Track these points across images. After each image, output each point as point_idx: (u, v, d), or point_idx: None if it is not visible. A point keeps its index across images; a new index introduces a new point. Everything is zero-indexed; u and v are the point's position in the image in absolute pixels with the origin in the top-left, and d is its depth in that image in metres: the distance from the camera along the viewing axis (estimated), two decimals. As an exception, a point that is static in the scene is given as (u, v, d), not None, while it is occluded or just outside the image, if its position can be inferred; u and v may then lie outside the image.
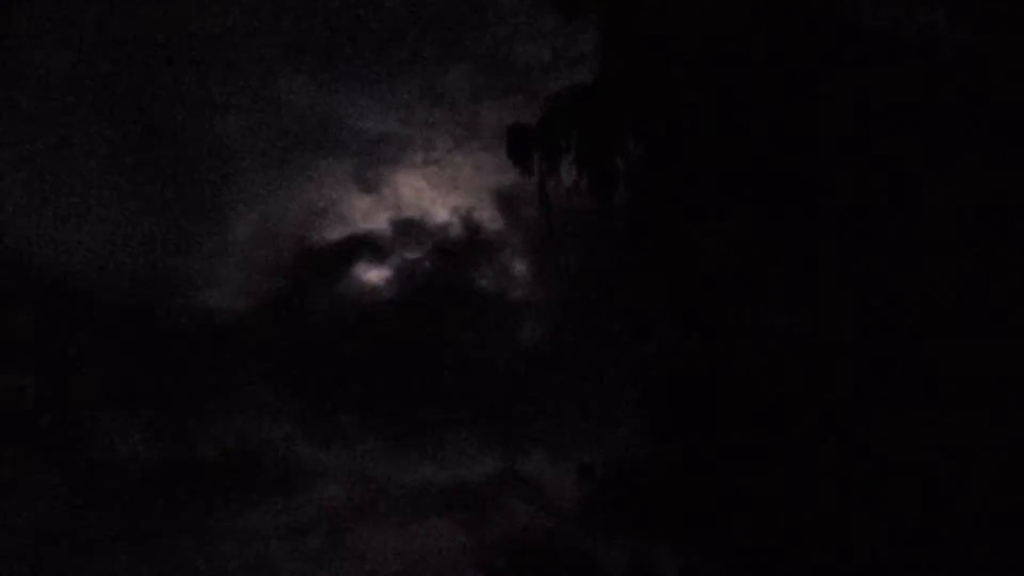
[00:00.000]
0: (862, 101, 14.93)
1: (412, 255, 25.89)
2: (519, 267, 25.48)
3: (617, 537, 16.55)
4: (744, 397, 15.08)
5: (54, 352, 24.28)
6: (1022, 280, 14.33)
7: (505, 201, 25.87)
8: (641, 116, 15.73)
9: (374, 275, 25.88)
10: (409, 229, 26.06)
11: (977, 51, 14.83)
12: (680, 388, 15.63)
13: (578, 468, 16.69)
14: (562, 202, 16.05)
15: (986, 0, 14.89)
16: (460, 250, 25.68)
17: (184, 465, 23.66)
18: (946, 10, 14.93)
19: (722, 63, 15.38)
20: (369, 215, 26.38)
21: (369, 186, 26.50)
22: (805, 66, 15.15)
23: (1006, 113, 14.59)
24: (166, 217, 25.64)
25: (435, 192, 26.46)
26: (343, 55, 26.72)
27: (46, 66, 25.66)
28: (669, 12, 15.58)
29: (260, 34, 26.37)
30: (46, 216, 25.13)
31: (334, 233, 26.15)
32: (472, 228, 25.93)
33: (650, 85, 15.64)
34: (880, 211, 14.74)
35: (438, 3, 26.32)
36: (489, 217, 26.04)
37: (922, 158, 14.73)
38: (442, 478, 23.43)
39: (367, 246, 25.91)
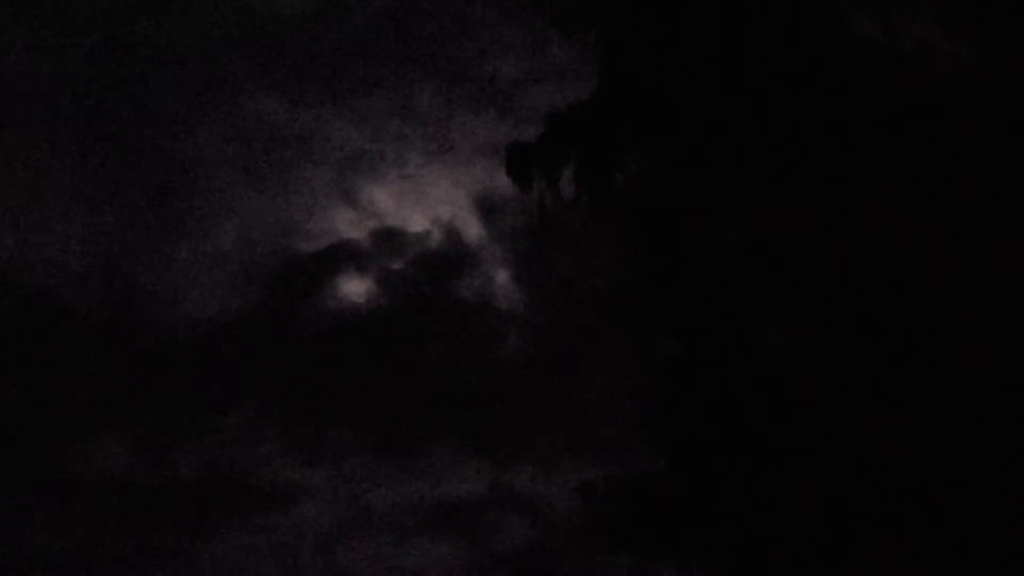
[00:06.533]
0: (860, 114, 15.04)
1: (392, 270, 25.90)
2: (501, 280, 25.50)
3: (618, 554, 16.53)
4: (748, 412, 15.12)
5: (30, 368, 24.06)
6: (1022, 288, 14.48)
7: (482, 216, 25.88)
8: (640, 132, 15.79)
9: (354, 291, 25.85)
10: (386, 247, 26.04)
11: (973, 65, 14.96)
12: (683, 404, 15.66)
13: (579, 484, 16.65)
14: (559, 217, 16.12)
15: (982, 14, 15.01)
16: (440, 264, 25.71)
17: (168, 483, 23.50)
18: (942, 24, 15.05)
19: (720, 78, 15.47)
20: (344, 232, 26.33)
21: (343, 202, 26.45)
22: (803, 81, 15.24)
23: (1003, 126, 14.73)
24: (143, 231, 25.51)
25: (409, 209, 26.45)
26: (313, 71, 26.67)
27: (18, 77, 25.50)
28: (668, 28, 15.64)
29: (232, 49, 26.28)
30: (20, 229, 24.93)
31: (311, 247, 26.10)
32: (451, 243, 25.94)
33: (649, 101, 15.70)
34: (879, 222, 14.84)
35: (407, 18, 26.32)
36: (466, 233, 26.04)
37: (919, 171, 14.84)
38: (433, 495, 23.36)
39: (345, 261, 25.87)
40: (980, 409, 14.29)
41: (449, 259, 25.82)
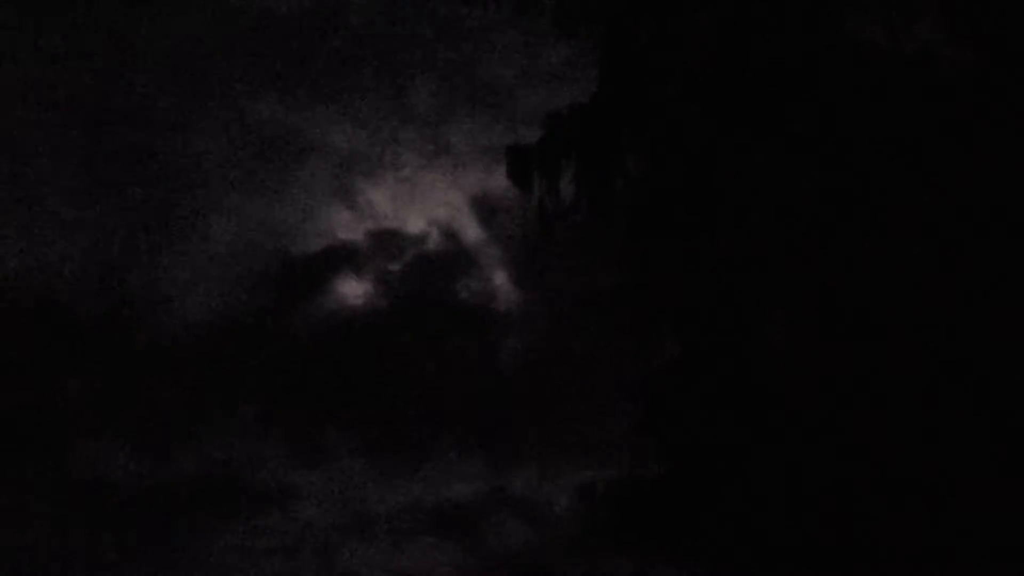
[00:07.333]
0: (861, 116, 15.05)
1: (390, 271, 25.90)
2: (500, 282, 25.50)
3: (618, 556, 16.53)
4: (748, 415, 15.13)
5: (28, 369, 24.02)
6: (1020, 292, 14.50)
7: (479, 217, 25.90)
8: (640, 134, 15.80)
9: (352, 293, 25.84)
10: (384, 248, 26.04)
11: (976, 69, 14.97)
12: (683, 406, 15.67)
13: (579, 487, 16.67)
14: (559, 219, 16.13)
15: (984, 18, 15.02)
16: (438, 265, 25.72)
17: (166, 485, 23.45)
18: (945, 28, 15.07)
19: (720, 80, 15.47)
20: (341, 233, 26.32)
21: (340, 204, 26.45)
22: (803, 83, 15.25)
23: (1004, 128, 14.74)
24: (140, 232, 25.47)
25: (406, 211, 26.44)
26: (309, 72, 26.65)
27: (11, 78, 25.46)
28: (668, 30, 15.65)
29: (228, 51, 26.26)
30: (16, 230, 24.91)
31: (308, 249, 26.10)
32: (449, 245, 25.95)
33: (649, 103, 15.71)
34: (880, 224, 14.86)
35: (404, 20, 26.30)
36: (464, 234, 26.04)
37: (921, 174, 14.85)
38: (431, 497, 23.33)
39: (342, 262, 25.87)
40: (982, 410, 14.32)
41: (447, 261, 25.82)
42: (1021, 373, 14.30)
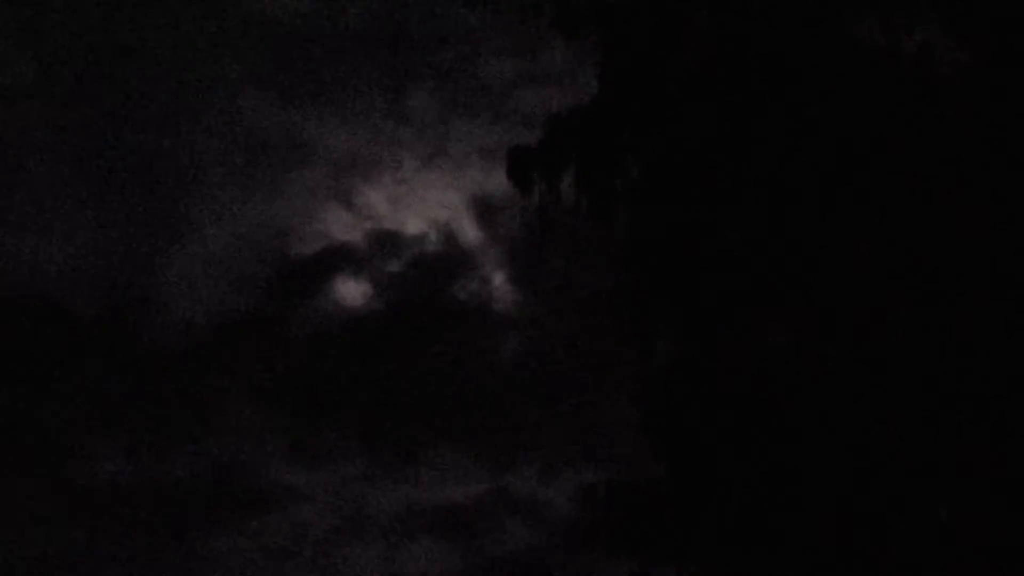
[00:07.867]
0: (861, 117, 15.05)
1: (388, 273, 25.94)
2: (498, 283, 25.54)
3: (618, 558, 16.53)
4: (749, 416, 15.13)
5: (26, 371, 24.03)
6: (1019, 294, 14.49)
7: (478, 218, 25.93)
8: (641, 136, 15.79)
9: (351, 294, 25.87)
10: (382, 250, 26.09)
11: (976, 69, 14.98)
12: (684, 407, 15.66)
13: (579, 488, 16.67)
14: (559, 220, 16.12)
15: (984, 20, 15.03)
16: (437, 266, 25.75)
17: (165, 486, 23.50)
18: (944, 29, 15.07)
19: (721, 82, 15.47)
20: (340, 234, 26.35)
21: (339, 205, 26.48)
22: (803, 84, 15.25)
23: (1004, 128, 14.75)
24: (139, 234, 25.52)
25: (405, 212, 26.47)
26: (308, 73, 26.68)
27: (8, 77, 25.49)
28: (669, 32, 15.66)
29: (227, 52, 26.28)
30: (14, 233, 24.93)
31: (307, 250, 26.14)
32: (447, 246, 25.98)
33: (650, 104, 15.70)
34: (880, 224, 14.86)
35: (402, 21, 26.33)
36: (463, 235, 26.07)
37: (920, 173, 14.85)
38: (430, 498, 23.38)
39: (341, 264, 25.91)
40: (983, 410, 14.32)
41: (445, 262, 25.87)
42: (1021, 372, 14.30)
